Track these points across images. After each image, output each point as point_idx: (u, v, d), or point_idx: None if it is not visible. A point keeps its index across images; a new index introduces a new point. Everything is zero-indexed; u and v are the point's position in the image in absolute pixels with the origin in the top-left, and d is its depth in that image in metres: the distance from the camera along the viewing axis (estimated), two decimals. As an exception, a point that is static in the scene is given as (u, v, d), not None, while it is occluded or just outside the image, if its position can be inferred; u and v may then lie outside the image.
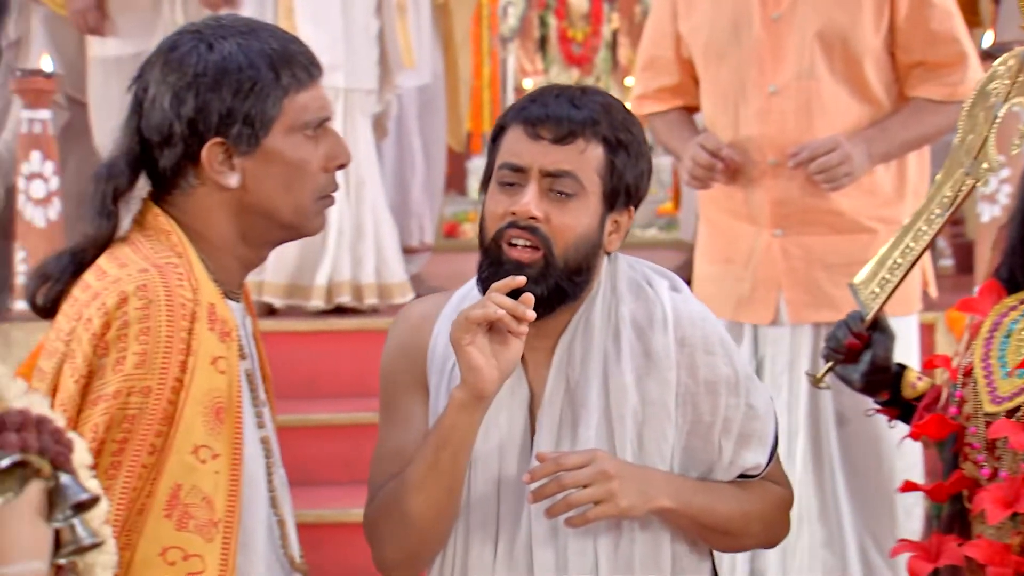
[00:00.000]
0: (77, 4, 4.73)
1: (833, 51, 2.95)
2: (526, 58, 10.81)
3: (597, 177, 1.98)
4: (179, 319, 1.75)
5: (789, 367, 3.01)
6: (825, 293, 2.97)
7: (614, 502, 1.92)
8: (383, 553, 2.04)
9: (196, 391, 1.76)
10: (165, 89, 1.84)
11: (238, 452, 1.80)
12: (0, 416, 0.95)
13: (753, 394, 2.03)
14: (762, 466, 2.05)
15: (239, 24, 1.89)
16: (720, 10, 3.01)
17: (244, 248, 1.89)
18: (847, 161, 2.88)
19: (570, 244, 1.97)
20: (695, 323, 2.01)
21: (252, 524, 1.86)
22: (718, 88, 3.04)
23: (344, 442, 4.16)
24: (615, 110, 2.01)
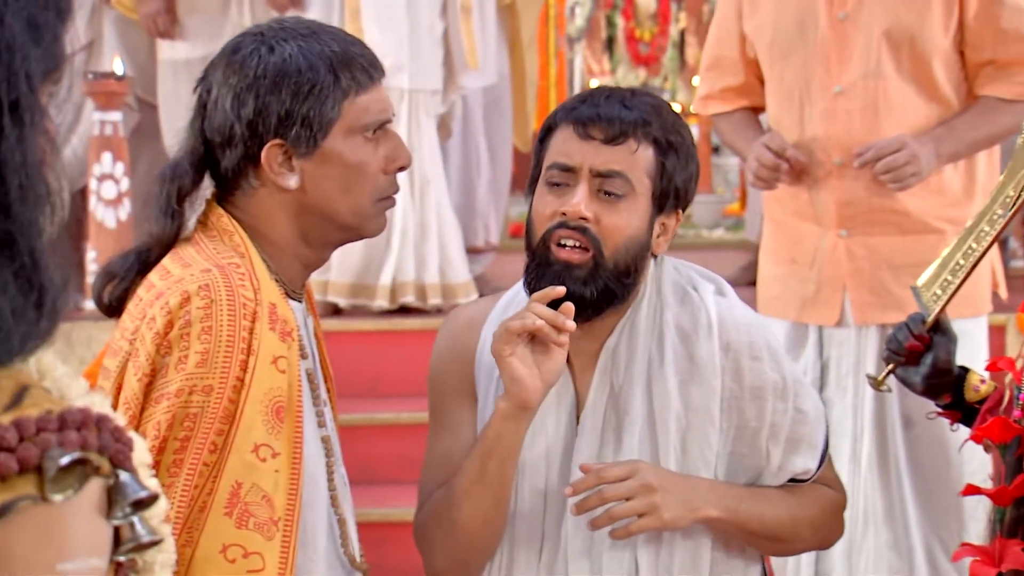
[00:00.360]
0: (147, 8, 4.79)
1: (901, 50, 2.92)
2: (593, 58, 10.79)
3: (647, 178, 1.97)
4: (240, 319, 1.77)
5: (855, 369, 2.98)
6: (892, 294, 2.94)
7: (657, 515, 1.91)
8: (433, 561, 2.05)
9: (256, 390, 1.77)
10: (226, 91, 1.86)
11: (298, 451, 1.81)
12: (61, 414, 0.96)
13: (802, 399, 2.01)
14: (812, 471, 2.03)
15: (301, 27, 1.90)
16: (785, 9, 2.99)
17: (305, 249, 1.91)
18: (914, 161, 2.85)
19: (620, 246, 1.96)
20: (740, 328, 1.99)
21: (312, 523, 1.88)
22: (783, 88, 3.02)
23: (407, 441, 4.16)
24: (665, 112, 2.01)
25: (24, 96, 0.98)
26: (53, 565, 0.94)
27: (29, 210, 0.98)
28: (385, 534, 3.80)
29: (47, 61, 0.99)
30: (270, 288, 1.83)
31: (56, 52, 1.00)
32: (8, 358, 0.97)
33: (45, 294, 0.99)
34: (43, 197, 1.00)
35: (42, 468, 0.94)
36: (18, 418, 0.95)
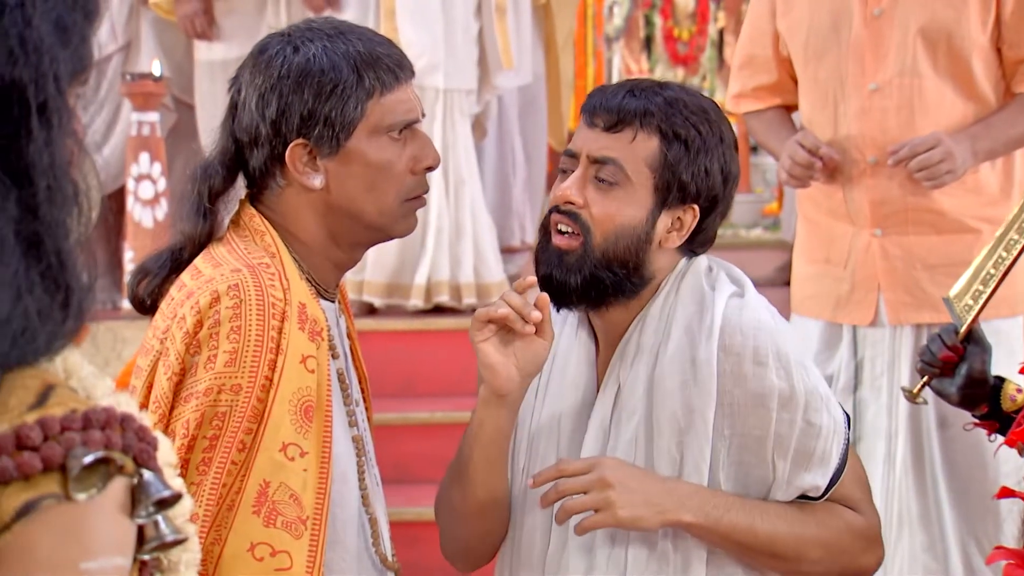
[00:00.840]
0: (185, 9, 4.82)
1: (937, 48, 2.89)
2: (631, 57, 10.76)
3: (647, 169, 1.94)
4: (269, 318, 1.78)
5: (889, 369, 2.95)
6: (927, 293, 2.92)
7: (611, 511, 1.86)
8: (443, 546, 2.08)
9: (285, 389, 1.78)
10: (252, 91, 1.87)
11: (327, 450, 1.82)
12: (86, 414, 0.97)
13: (815, 411, 1.92)
14: (820, 488, 1.94)
15: (328, 27, 1.90)
16: (819, 7, 2.97)
17: (335, 249, 1.91)
18: (949, 158, 2.82)
19: (609, 234, 1.93)
20: (746, 333, 1.91)
21: (342, 521, 1.88)
22: (817, 86, 3.00)
23: (441, 440, 4.16)
24: (682, 105, 1.95)
25: (52, 98, 0.98)
26: (76, 564, 0.94)
27: (56, 211, 0.99)
28: (419, 533, 3.80)
29: (75, 62, 1.00)
30: (300, 288, 1.84)
31: (84, 53, 1.01)
32: (34, 358, 0.97)
33: (71, 294, 1.00)
34: (71, 198, 1.00)
35: (66, 467, 0.95)
36: (43, 417, 0.96)
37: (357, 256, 1.96)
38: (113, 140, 4.95)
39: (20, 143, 0.97)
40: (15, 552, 0.92)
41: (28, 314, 0.96)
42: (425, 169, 1.91)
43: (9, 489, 0.93)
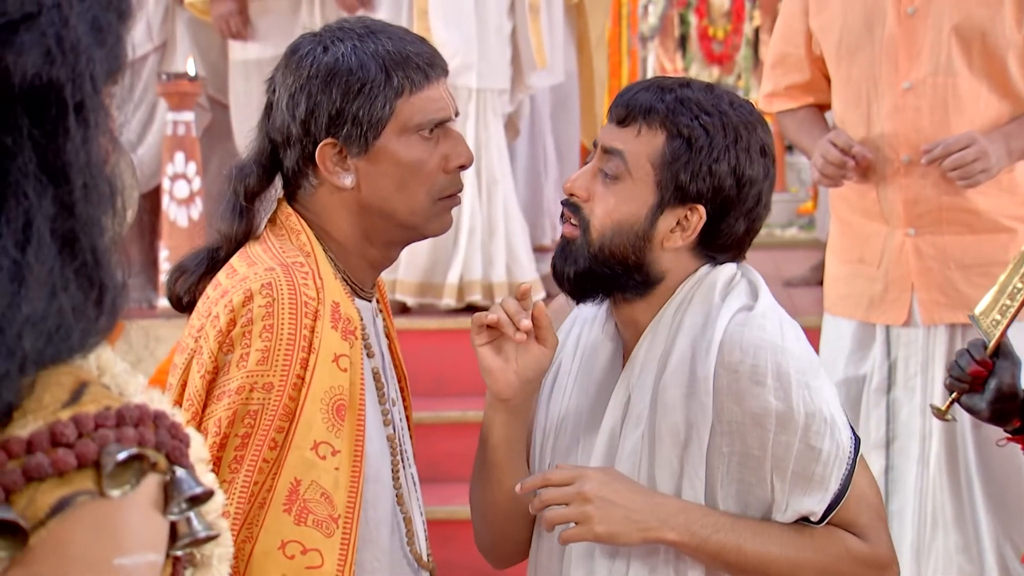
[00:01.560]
0: (220, 9, 4.85)
1: (972, 46, 2.88)
2: (666, 57, 10.74)
3: (649, 165, 1.89)
4: (301, 317, 1.78)
5: (923, 369, 2.94)
6: (961, 293, 2.90)
7: (589, 526, 1.83)
8: (476, 541, 2.09)
9: (317, 388, 1.78)
10: (284, 91, 1.88)
11: (359, 449, 1.82)
12: (119, 411, 0.98)
13: (816, 435, 1.85)
14: (817, 514, 1.87)
15: (359, 26, 1.90)
16: (853, 6, 2.96)
17: (369, 247, 1.91)
18: (983, 157, 2.81)
19: (606, 228, 1.89)
20: (745, 349, 1.84)
21: (376, 521, 1.88)
22: (850, 85, 2.99)
23: (473, 439, 4.14)
24: (693, 104, 1.90)
25: (89, 97, 0.99)
26: (110, 560, 0.95)
27: (92, 209, 1.00)
28: (451, 532, 3.81)
29: (110, 62, 1.01)
30: (334, 287, 1.84)
31: (118, 53, 1.02)
32: (68, 355, 0.98)
33: (105, 292, 1.00)
34: (106, 197, 1.01)
35: (100, 464, 0.95)
36: (77, 414, 0.97)
37: (392, 255, 1.96)
38: (149, 140, 4.99)
39: (57, 142, 0.98)
40: (50, 548, 0.93)
41: (63, 311, 0.97)
42: (457, 167, 1.91)
43: (44, 485, 0.93)
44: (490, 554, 2.10)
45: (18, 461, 0.94)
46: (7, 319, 0.94)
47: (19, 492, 0.93)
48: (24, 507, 0.93)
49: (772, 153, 1.94)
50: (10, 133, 0.95)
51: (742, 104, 1.94)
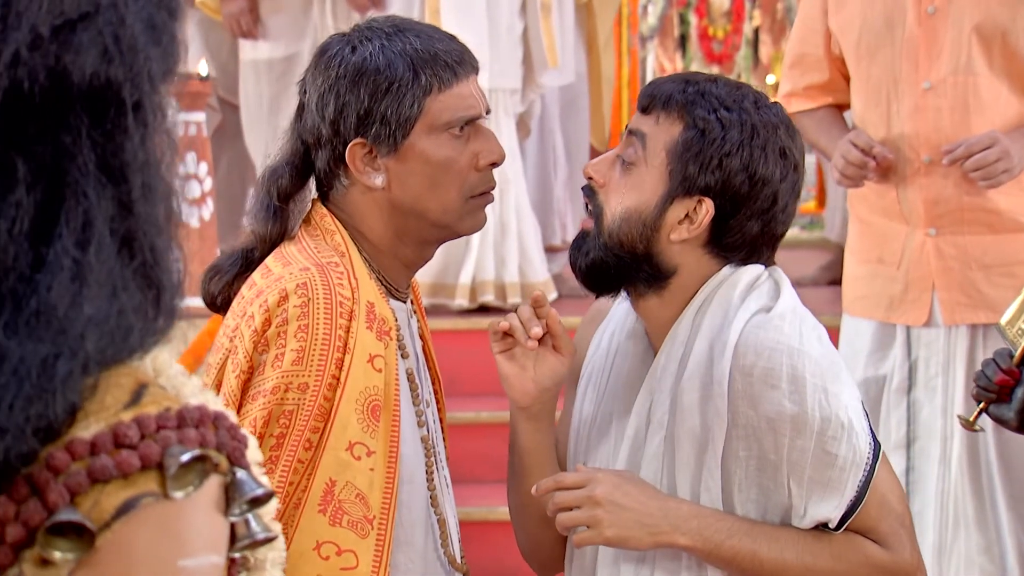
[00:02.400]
0: (230, 8, 4.83)
1: (992, 46, 2.87)
2: (665, 56, 10.73)
3: (664, 153, 1.87)
4: (336, 317, 1.78)
5: (944, 369, 2.93)
6: (982, 294, 2.90)
7: (599, 530, 1.82)
8: (519, 548, 2.08)
9: (352, 388, 1.78)
10: (313, 91, 1.88)
11: (394, 450, 1.82)
12: (180, 412, 0.97)
13: (832, 440, 1.82)
14: (833, 521, 1.85)
15: (387, 25, 1.89)
16: (873, 5, 2.95)
17: (403, 247, 1.90)
18: (1005, 157, 2.80)
19: (616, 216, 1.88)
20: (760, 352, 1.81)
21: (410, 522, 1.88)
22: (870, 85, 2.98)
23: (486, 440, 4.18)
24: (712, 97, 1.87)
25: (146, 96, 0.98)
26: (175, 561, 0.94)
27: (150, 208, 0.99)
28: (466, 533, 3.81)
29: (166, 61, 1.00)
30: (368, 287, 1.83)
31: (173, 51, 1.01)
32: (128, 355, 0.97)
33: (163, 292, 1.00)
34: (163, 196, 1.01)
35: (163, 465, 0.95)
36: (139, 415, 0.96)
37: (427, 254, 1.95)
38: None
39: (116, 141, 0.97)
40: (115, 550, 0.92)
41: (124, 311, 0.96)
42: (489, 165, 1.90)
43: (108, 487, 0.93)
44: (532, 560, 2.09)
45: (82, 463, 0.93)
46: (70, 319, 0.93)
47: (84, 494, 0.92)
48: (89, 509, 0.92)
49: (794, 158, 1.90)
50: (69, 133, 0.95)
51: (768, 105, 1.91)
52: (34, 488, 0.92)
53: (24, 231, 0.93)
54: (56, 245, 0.93)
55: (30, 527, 0.91)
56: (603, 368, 2.02)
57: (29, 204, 0.94)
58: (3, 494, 0.92)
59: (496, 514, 3.83)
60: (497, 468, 4.03)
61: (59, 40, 0.94)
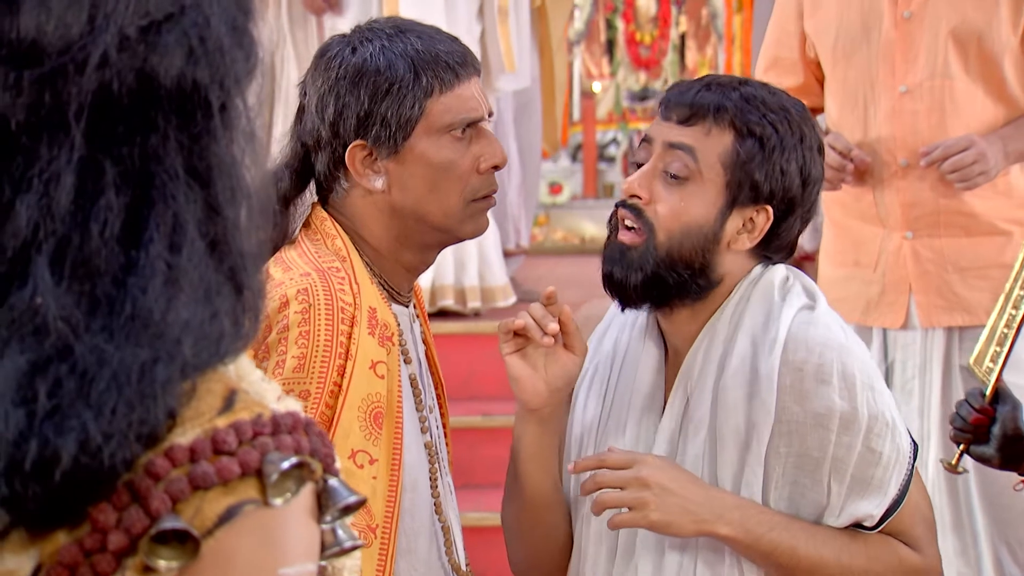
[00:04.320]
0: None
1: (968, 50, 2.90)
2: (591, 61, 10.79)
3: (719, 165, 1.86)
4: (338, 323, 1.75)
5: (920, 372, 2.96)
6: (958, 296, 2.93)
7: (644, 512, 1.80)
8: (510, 560, 2.04)
9: (354, 396, 1.75)
10: (313, 92, 1.85)
11: (397, 458, 1.79)
12: (274, 418, 0.95)
13: (879, 438, 1.83)
14: (874, 518, 1.85)
15: (389, 26, 1.87)
16: (849, 8, 2.97)
17: (404, 251, 1.88)
18: (981, 160, 2.82)
19: (675, 232, 1.86)
20: (811, 348, 1.82)
21: (413, 530, 1.86)
22: (846, 88, 3.00)
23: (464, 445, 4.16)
24: (759, 102, 1.87)
25: (231, 98, 0.97)
26: (275, 569, 0.92)
27: (236, 211, 0.97)
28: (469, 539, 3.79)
29: (248, 62, 0.99)
30: (370, 292, 1.81)
31: (254, 53, 0.99)
32: (221, 360, 0.95)
33: (250, 296, 0.98)
34: (248, 199, 0.99)
35: (262, 472, 0.93)
36: (235, 421, 0.94)
37: (429, 258, 1.92)
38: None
39: (202, 143, 0.95)
40: (217, 558, 0.90)
41: (217, 315, 0.94)
42: (491, 168, 1.87)
43: (210, 494, 0.90)
44: (526, 574, 2.05)
45: (182, 469, 0.91)
46: (166, 323, 0.91)
47: (185, 501, 0.90)
48: (191, 516, 0.90)
49: (822, 153, 1.93)
50: (157, 135, 0.93)
51: (796, 102, 1.93)
52: (135, 495, 0.90)
53: (114, 234, 0.91)
54: (147, 248, 0.91)
55: (132, 535, 0.89)
56: (607, 374, 2.00)
57: (118, 207, 0.92)
58: (104, 501, 0.89)
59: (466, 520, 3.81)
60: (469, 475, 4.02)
61: (146, 41, 0.92)
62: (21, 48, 0.91)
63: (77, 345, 0.88)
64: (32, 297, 0.89)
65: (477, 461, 4.02)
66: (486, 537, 3.71)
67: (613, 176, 9.56)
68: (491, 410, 4.07)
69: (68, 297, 0.89)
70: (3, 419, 0.86)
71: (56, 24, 0.91)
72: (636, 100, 10.30)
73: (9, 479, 0.86)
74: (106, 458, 0.87)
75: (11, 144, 0.91)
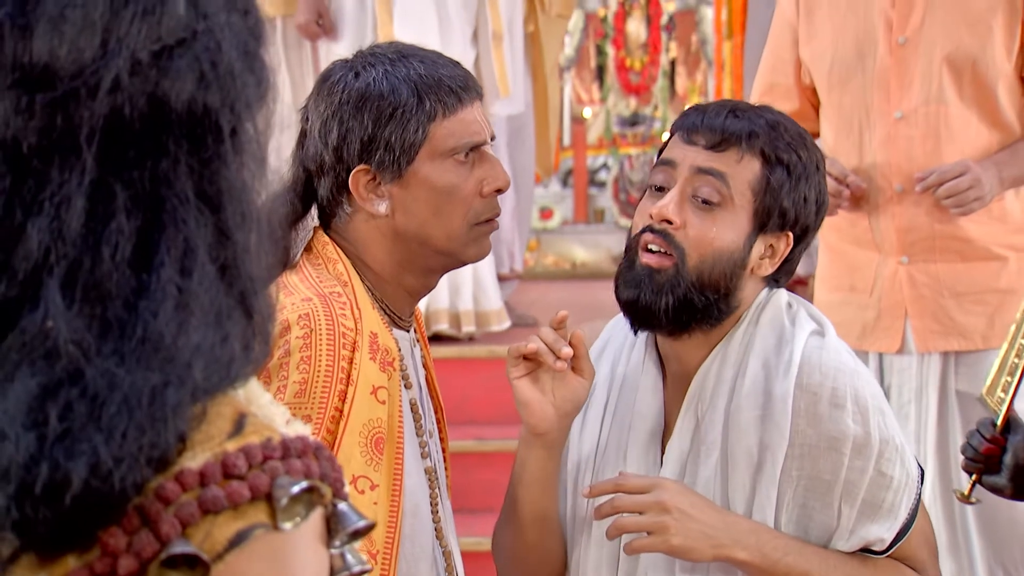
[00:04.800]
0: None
1: (963, 76, 2.91)
2: (582, 87, 10.82)
3: (749, 191, 1.88)
4: (339, 348, 1.75)
5: (916, 396, 2.96)
6: (954, 321, 2.93)
7: (664, 537, 1.80)
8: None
9: (355, 421, 1.75)
10: (316, 117, 1.86)
11: (398, 483, 1.79)
12: (283, 442, 0.95)
13: (889, 462, 1.85)
14: (885, 542, 1.87)
15: (391, 51, 1.88)
16: (844, 35, 2.99)
17: (407, 275, 1.88)
18: (977, 185, 2.83)
19: (706, 257, 1.87)
20: (825, 372, 1.85)
21: (413, 555, 1.85)
22: (841, 114, 3.01)
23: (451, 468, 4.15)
24: (784, 130, 1.91)
25: (242, 123, 0.97)
26: None
27: (246, 236, 0.97)
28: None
29: (260, 87, 0.99)
30: (371, 317, 1.81)
31: (265, 78, 1.00)
32: (231, 384, 0.95)
33: (260, 320, 0.98)
34: (257, 224, 0.99)
35: (271, 496, 0.93)
36: (245, 445, 0.94)
37: (431, 283, 1.93)
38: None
39: (212, 168, 0.96)
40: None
41: (228, 339, 0.94)
42: (494, 192, 1.88)
43: (220, 518, 0.90)
44: None
45: (192, 493, 0.91)
46: (177, 347, 0.91)
47: (195, 525, 0.90)
48: (201, 540, 0.90)
49: None
50: (168, 159, 0.93)
51: (803, 129, 1.96)
52: (145, 519, 0.90)
53: (126, 257, 0.91)
54: (158, 272, 0.91)
55: (143, 559, 0.89)
56: (605, 399, 2.00)
57: (129, 230, 0.92)
58: (115, 525, 0.89)
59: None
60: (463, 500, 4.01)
61: (158, 66, 0.93)
62: (34, 72, 0.91)
63: (88, 369, 0.88)
64: (43, 320, 0.89)
65: (471, 486, 4.01)
66: (481, 562, 3.69)
67: (604, 201, 9.58)
68: (485, 435, 4.06)
69: (79, 320, 0.89)
70: (14, 442, 0.86)
71: (69, 48, 0.92)
72: (626, 125, 10.34)
73: (20, 503, 0.86)
74: (116, 482, 0.87)
75: (23, 167, 0.91)
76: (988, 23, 2.89)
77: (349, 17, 4.44)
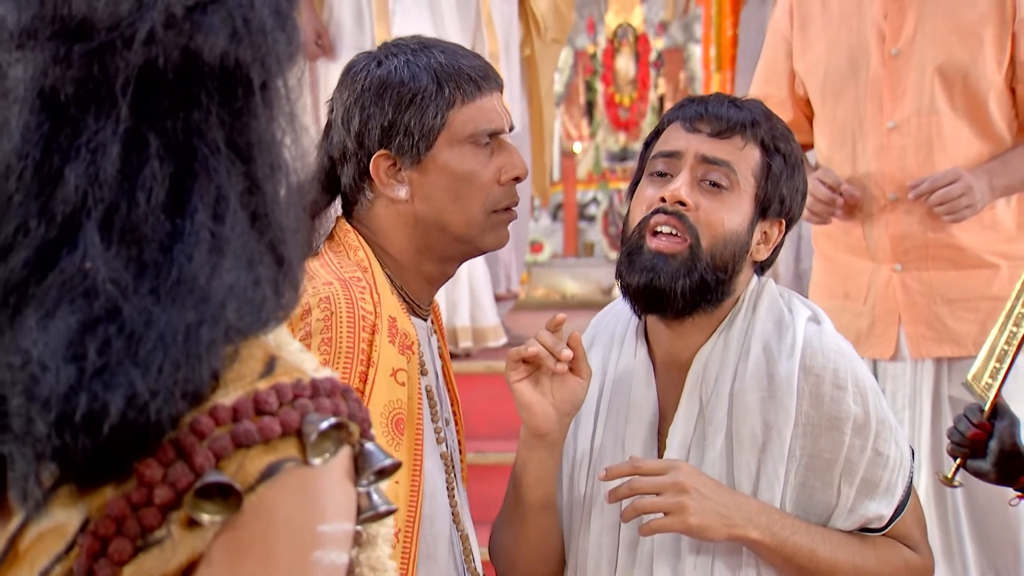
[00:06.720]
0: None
1: (954, 87, 2.95)
2: (571, 123, 10.88)
3: (752, 177, 1.93)
4: (359, 331, 1.77)
5: (910, 402, 2.99)
6: (947, 328, 2.96)
7: (683, 516, 1.83)
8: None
9: (376, 402, 1.77)
10: (339, 106, 1.89)
11: (418, 463, 1.81)
12: (313, 382, 0.98)
13: (884, 441, 1.91)
14: (884, 519, 1.92)
15: (414, 42, 1.92)
16: (837, 46, 3.03)
17: (426, 263, 1.90)
18: (968, 193, 2.87)
19: (719, 238, 1.91)
20: (826, 355, 1.90)
21: (433, 536, 1.87)
22: (835, 125, 3.05)
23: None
24: (775, 120, 1.99)
25: (273, 78, 1.01)
26: (315, 526, 0.95)
27: (276, 187, 1.01)
28: None
29: (290, 44, 1.03)
30: (390, 302, 1.84)
31: (296, 36, 1.03)
32: (262, 327, 0.98)
33: (290, 268, 1.01)
34: (288, 175, 1.02)
35: (302, 432, 0.96)
36: (276, 384, 0.97)
37: (449, 270, 1.95)
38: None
39: (243, 120, 0.99)
40: (258, 513, 0.93)
41: (260, 283, 0.97)
42: (512, 179, 1.90)
43: (252, 452, 0.93)
44: None
45: (225, 428, 0.94)
46: (211, 288, 0.94)
47: (228, 458, 0.93)
48: (234, 472, 0.93)
49: None
50: (199, 111, 0.97)
51: None
52: (180, 452, 0.93)
53: (160, 202, 0.95)
54: (192, 217, 0.95)
55: (178, 489, 0.92)
56: (598, 394, 2.02)
57: (163, 177, 0.95)
58: (151, 456, 0.92)
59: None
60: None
61: (192, 20, 0.96)
62: (72, 24, 0.95)
63: (125, 307, 0.91)
64: (82, 261, 0.92)
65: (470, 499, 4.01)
66: (484, 570, 3.70)
67: (593, 235, 9.61)
68: (484, 448, 4.07)
69: (117, 261, 0.93)
70: (55, 374, 0.89)
71: (106, 1, 0.95)
72: (616, 160, 10.37)
73: (59, 430, 0.89)
74: (152, 413, 0.90)
75: (60, 115, 0.95)
76: (979, 35, 2.93)
77: (348, 37, 4.48)
